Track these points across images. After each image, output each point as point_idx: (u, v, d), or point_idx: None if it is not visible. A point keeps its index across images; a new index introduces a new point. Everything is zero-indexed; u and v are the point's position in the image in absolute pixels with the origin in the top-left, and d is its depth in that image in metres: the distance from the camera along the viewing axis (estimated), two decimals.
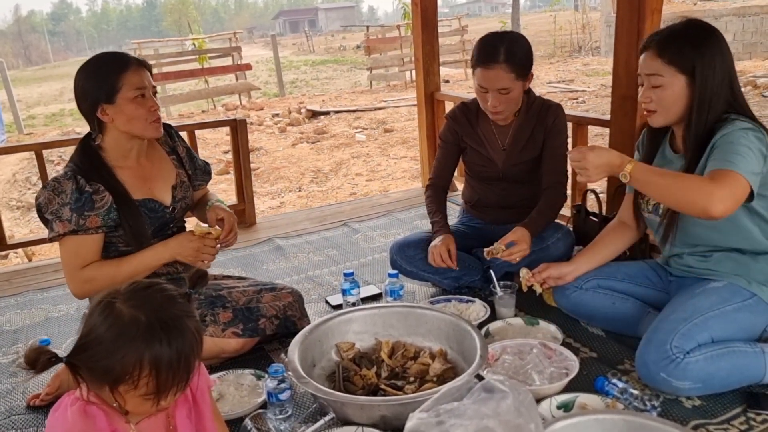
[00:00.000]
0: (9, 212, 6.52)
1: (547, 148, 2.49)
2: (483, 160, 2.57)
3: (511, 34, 2.40)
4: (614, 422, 1.50)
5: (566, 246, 2.48)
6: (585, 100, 9.84)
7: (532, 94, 2.52)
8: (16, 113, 12.28)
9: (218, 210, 2.17)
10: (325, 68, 20.72)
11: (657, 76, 1.84)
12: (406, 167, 7.12)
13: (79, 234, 1.94)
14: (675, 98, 1.84)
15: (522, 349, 1.99)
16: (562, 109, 2.52)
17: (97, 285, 1.96)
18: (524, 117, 2.50)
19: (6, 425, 1.93)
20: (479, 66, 2.33)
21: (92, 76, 1.96)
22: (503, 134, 2.54)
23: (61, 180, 1.94)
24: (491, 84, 2.32)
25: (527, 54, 2.36)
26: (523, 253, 2.26)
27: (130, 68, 1.95)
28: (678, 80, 1.82)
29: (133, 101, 1.95)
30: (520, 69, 2.33)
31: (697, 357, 1.74)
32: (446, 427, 1.20)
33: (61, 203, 1.92)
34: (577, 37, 18.16)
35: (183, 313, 1.22)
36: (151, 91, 2.01)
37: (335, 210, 4.12)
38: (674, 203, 1.75)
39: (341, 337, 2.11)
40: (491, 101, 2.36)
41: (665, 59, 1.82)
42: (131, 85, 1.94)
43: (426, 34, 4.01)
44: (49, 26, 60.65)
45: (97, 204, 1.94)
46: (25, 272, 3.32)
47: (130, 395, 1.18)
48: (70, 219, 1.92)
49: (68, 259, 1.97)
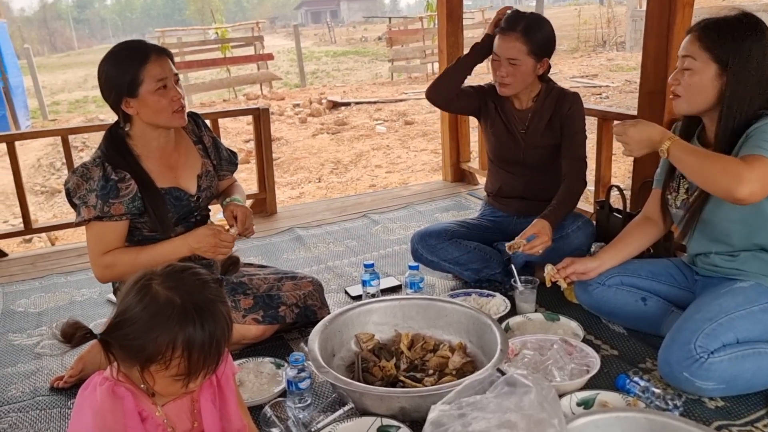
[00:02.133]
0: (33, 197, 6.61)
1: (565, 135, 2.49)
2: (506, 137, 2.58)
3: (537, 15, 2.45)
4: (636, 420, 1.48)
5: (586, 236, 2.45)
6: (609, 95, 9.72)
7: (551, 83, 2.53)
8: (41, 99, 12.44)
9: (232, 206, 2.18)
10: (347, 59, 20.68)
11: (690, 59, 1.81)
12: (426, 160, 7.10)
13: (103, 220, 1.96)
14: (702, 86, 1.80)
15: (543, 345, 1.98)
16: (578, 96, 2.52)
17: (116, 271, 2.00)
18: (542, 104, 2.51)
19: (30, 405, 1.97)
20: (498, 34, 2.40)
21: (114, 69, 1.96)
22: (522, 118, 2.55)
23: (90, 166, 1.96)
24: (503, 52, 2.38)
25: (546, 36, 2.40)
26: (545, 245, 2.24)
27: (150, 59, 1.96)
28: (709, 68, 1.78)
29: (156, 93, 1.95)
30: (535, 46, 2.36)
31: (722, 357, 1.71)
32: (468, 419, 1.20)
33: (89, 189, 1.95)
34: (601, 32, 17.92)
35: (216, 297, 1.24)
36: (174, 80, 2.01)
37: (355, 201, 4.12)
38: (703, 181, 1.73)
39: (361, 327, 2.11)
40: (500, 70, 2.41)
41: (703, 44, 1.78)
42: (153, 76, 1.95)
43: (450, 24, 3.99)
44: (74, 13, 61.25)
45: (122, 192, 1.96)
46: (48, 256, 3.37)
47: (160, 375, 1.20)
48: (95, 205, 1.94)
49: (92, 243, 2.01)
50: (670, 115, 2.71)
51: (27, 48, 12.90)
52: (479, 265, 2.51)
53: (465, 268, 2.52)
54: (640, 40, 2.81)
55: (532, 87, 2.49)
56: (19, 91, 10.67)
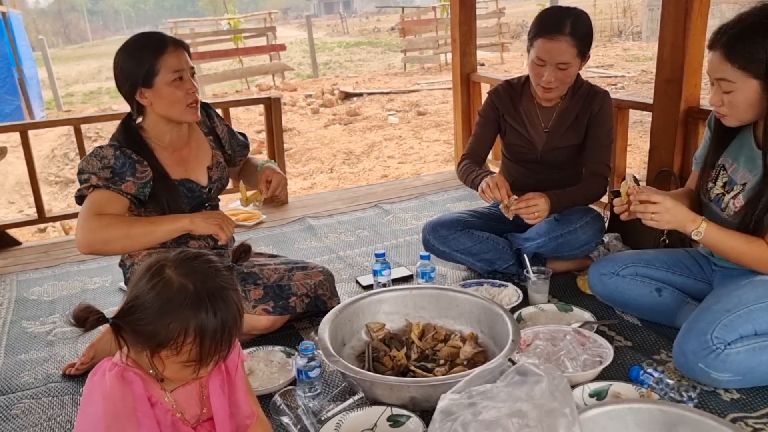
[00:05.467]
0: (47, 187, 6.66)
1: (590, 137, 2.42)
2: (522, 141, 2.51)
3: (577, 9, 2.31)
4: (650, 412, 1.46)
5: (594, 231, 2.40)
6: (624, 86, 9.61)
7: (579, 78, 2.43)
8: (55, 91, 12.52)
9: (268, 171, 2.20)
10: (359, 50, 20.62)
11: (727, 82, 1.70)
12: (439, 150, 7.07)
13: (110, 189, 1.92)
14: (748, 104, 1.71)
15: (555, 336, 1.96)
16: (609, 96, 2.43)
17: (105, 235, 1.86)
18: (570, 100, 2.43)
19: (43, 392, 1.98)
20: (541, 36, 2.24)
21: (130, 59, 1.96)
22: (546, 116, 2.47)
23: (105, 148, 1.98)
24: (552, 57, 2.24)
25: (590, 31, 2.29)
26: (537, 210, 2.20)
27: (167, 50, 1.95)
28: (750, 85, 1.68)
29: (171, 84, 1.95)
30: (583, 46, 2.26)
31: (739, 349, 1.68)
32: (479, 408, 1.18)
33: (103, 166, 1.94)
34: (617, 22, 17.73)
35: (228, 285, 1.24)
36: (189, 73, 2.01)
37: (367, 191, 4.10)
38: (739, 264, 1.83)
39: (372, 317, 2.10)
40: (547, 76, 2.27)
41: (735, 65, 1.67)
42: (169, 67, 1.94)
43: (463, 14, 3.94)
44: (89, 5, 61.49)
45: (138, 173, 1.97)
46: (62, 245, 3.39)
47: (170, 360, 1.20)
48: (107, 177, 1.93)
49: (88, 207, 1.91)
50: (686, 103, 2.67)
51: (41, 39, 13.01)
52: (492, 256, 2.48)
53: (477, 258, 2.49)
54: (656, 29, 2.75)
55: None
56: (33, 83, 10.75)
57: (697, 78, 2.67)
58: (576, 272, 2.53)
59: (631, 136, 2.37)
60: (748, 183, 1.81)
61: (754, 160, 1.81)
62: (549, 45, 2.23)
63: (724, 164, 1.91)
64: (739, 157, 1.86)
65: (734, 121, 1.79)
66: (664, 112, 2.74)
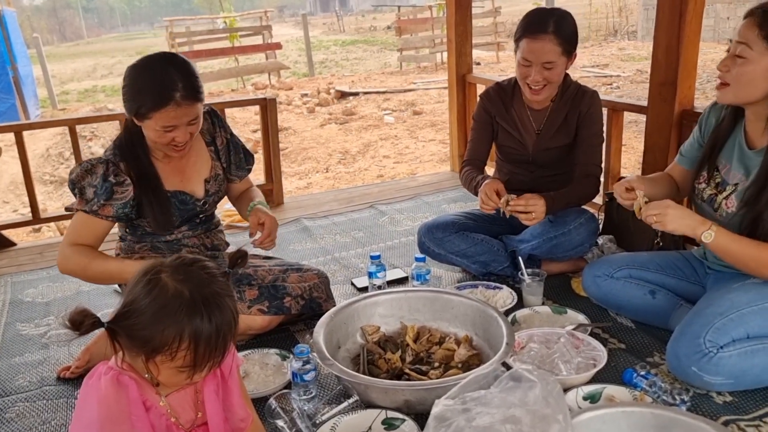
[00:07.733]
0: (42, 186, 6.64)
1: (580, 137, 2.43)
2: (514, 143, 2.53)
3: (560, 10, 2.34)
4: (642, 415, 1.47)
5: (588, 232, 2.41)
6: (619, 85, 9.63)
7: (568, 79, 2.45)
8: (50, 89, 12.47)
9: (260, 213, 2.13)
10: (355, 49, 20.59)
11: (745, 46, 1.69)
12: (435, 150, 7.07)
13: (89, 215, 1.96)
14: (754, 77, 1.70)
15: (549, 338, 1.97)
16: (598, 96, 2.45)
17: (70, 265, 1.99)
18: (559, 101, 2.44)
19: (38, 395, 1.98)
20: (526, 37, 2.27)
21: (133, 88, 1.88)
22: (537, 117, 2.48)
23: (95, 163, 1.97)
24: (537, 56, 2.26)
25: (575, 31, 2.32)
26: (533, 208, 2.22)
27: (167, 106, 1.84)
28: (764, 59, 1.68)
29: (155, 131, 1.90)
30: (567, 44, 2.28)
31: (731, 352, 1.69)
32: (472, 414, 1.19)
33: (89, 183, 1.96)
34: (612, 21, 17.75)
35: (224, 291, 1.25)
36: (188, 121, 1.90)
37: (362, 192, 4.11)
38: (746, 271, 1.80)
39: (367, 319, 2.11)
40: (533, 76, 2.29)
41: (762, 32, 1.67)
42: (160, 121, 1.86)
43: (459, 14, 3.95)
44: (84, 2, 61.26)
45: (115, 195, 1.96)
46: (57, 246, 3.35)
47: (165, 366, 1.21)
48: (88, 200, 1.95)
49: (69, 230, 2.02)
50: (681, 106, 2.68)
51: (36, 37, 12.93)
52: (487, 258, 2.49)
53: (472, 260, 2.50)
54: (652, 29, 2.75)
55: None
56: (28, 81, 10.71)
57: (692, 80, 2.68)
58: (570, 274, 2.54)
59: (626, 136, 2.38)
60: (740, 184, 1.82)
61: (745, 160, 1.83)
62: (533, 45, 2.26)
63: (718, 165, 1.92)
64: (731, 157, 1.88)
65: (730, 95, 1.78)
66: (658, 114, 2.75)
